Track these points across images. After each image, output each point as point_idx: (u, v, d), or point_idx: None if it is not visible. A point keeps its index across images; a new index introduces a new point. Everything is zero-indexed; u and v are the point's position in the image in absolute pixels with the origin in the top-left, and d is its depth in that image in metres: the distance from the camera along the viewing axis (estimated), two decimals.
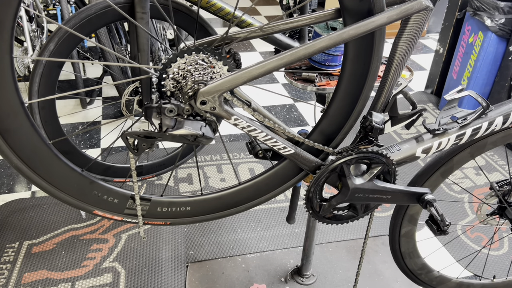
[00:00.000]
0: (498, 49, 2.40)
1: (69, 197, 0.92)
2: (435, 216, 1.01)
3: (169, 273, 1.58)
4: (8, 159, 0.82)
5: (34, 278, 1.54)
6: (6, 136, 0.79)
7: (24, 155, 0.83)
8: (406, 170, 2.15)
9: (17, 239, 1.70)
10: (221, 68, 0.83)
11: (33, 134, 0.82)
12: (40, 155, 0.85)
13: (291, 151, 0.93)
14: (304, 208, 1.01)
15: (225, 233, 1.78)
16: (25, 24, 2.36)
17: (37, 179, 0.87)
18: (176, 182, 2.06)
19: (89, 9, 1.29)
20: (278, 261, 1.67)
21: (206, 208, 1.04)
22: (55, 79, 1.38)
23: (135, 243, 1.71)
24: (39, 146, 0.84)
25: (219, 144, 2.36)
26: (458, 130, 0.99)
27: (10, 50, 0.73)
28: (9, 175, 2.08)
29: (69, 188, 0.92)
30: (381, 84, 0.94)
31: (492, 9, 2.31)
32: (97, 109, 2.71)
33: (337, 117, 0.94)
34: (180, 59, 0.80)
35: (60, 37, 1.28)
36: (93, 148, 2.33)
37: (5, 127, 0.79)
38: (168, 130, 0.82)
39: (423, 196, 1.01)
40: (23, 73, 2.33)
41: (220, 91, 0.80)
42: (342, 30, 0.81)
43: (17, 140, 0.81)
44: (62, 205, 1.86)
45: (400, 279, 1.61)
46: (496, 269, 1.71)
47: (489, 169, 2.27)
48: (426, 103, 2.88)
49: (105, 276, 1.56)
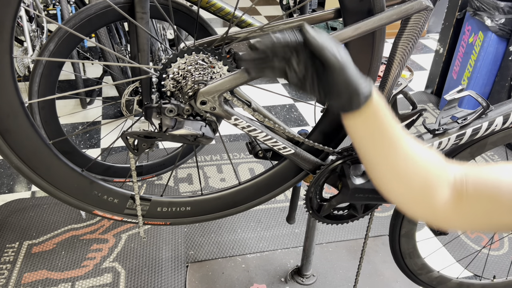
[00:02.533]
0: (498, 49, 2.40)
1: (69, 197, 0.93)
2: None
3: (169, 273, 1.58)
4: (8, 159, 0.82)
5: (34, 278, 1.54)
6: (6, 136, 0.79)
7: (24, 155, 0.83)
8: None
9: (17, 239, 1.70)
10: (221, 68, 0.83)
11: (33, 134, 0.82)
12: (40, 155, 0.85)
13: (291, 151, 0.93)
14: (304, 208, 1.01)
15: (225, 233, 1.78)
16: (25, 24, 2.36)
17: (37, 179, 0.87)
18: (176, 182, 2.06)
19: (89, 9, 1.29)
20: (278, 261, 1.67)
21: (206, 208, 1.04)
22: (55, 79, 1.38)
23: (135, 243, 1.71)
24: (39, 146, 0.84)
25: (219, 144, 2.36)
26: (458, 130, 0.99)
27: (10, 50, 0.73)
28: (9, 175, 2.08)
29: (69, 188, 0.92)
30: (381, 84, 0.94)
31: (492, 9, 2.31)
32: (97, 109, 2.71)
33: (337, 117, 0.94)
34: (180, 59, 0.80)
35: (60, 37, 1.28)
36: (93, 148, 2.33)
37: (5, 127, 0.79)
38: (168, 130, 0.82)
39: None
40: (23, 73, 2.33)
41: (220, 91, 0.80)
42: (342, 30, 0.81)
43: (17, 140, 0.81)
44: (62, 205, 1.86)
45: (400, 279, 1.60)
46: (496, 269, 1.71)
47: None
48: (426, 103, 2.88)
49: (105, 276, 1.56)
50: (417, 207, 0.64)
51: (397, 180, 0.63)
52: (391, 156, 0.62)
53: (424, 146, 0.64)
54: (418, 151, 0.63)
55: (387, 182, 0.65)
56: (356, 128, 0.62)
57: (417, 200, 0.63)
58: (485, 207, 0.59)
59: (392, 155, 0.62)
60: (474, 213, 0.60)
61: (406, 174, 0.62)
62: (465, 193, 0.60)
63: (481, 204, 0.59)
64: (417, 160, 0.62)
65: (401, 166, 0.62)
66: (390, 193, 0.65)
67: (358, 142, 0.64)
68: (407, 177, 0.62)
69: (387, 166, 0.63)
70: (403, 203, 0.65)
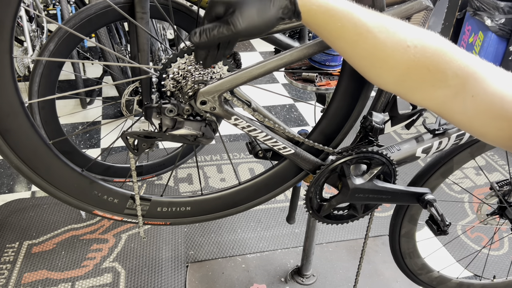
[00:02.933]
0: (498, 49, 2.40)
1: (69, 197, 0.92)
2: (435, 216, 1.01)
3: (169, 273, 1.58)
4: (8, 159, 0.82)
5: (34, 278, 1.54)
6: (6, 136, 0.79)
7: (24, 155, 0.83)
8: (406, 170, 2.15)
9: (17, 239, 1.70)
10: (221, 68, 0.83)
11: (33, 134, 0.82)
12: (40, 155, 0.85)
13: (291, 151, 0.93)
14: (304, 208, 1.01)
15: (225, 233, 1.78)
16: (25, 24, 2.36)
17: (37, 179, 0.87)
18: (176, 182, 2.06)
19: (89, 9, 1.29)
20: (278, 261, 1.67)
21: (206, 208, 1.04)
22: (55, 79, 1.38)
23: (135, 243, 1.71)
24: (39, 146, 0.84)
25: (219, 144, 2.36)
26: (458, 130, 0.99)
27: (10, 50, 0.73)
28: (9, 175, 2.08)
29: (69, 188, 0.92)
30: None
31: (492, 9, 2.31)
32: (97, 109, 2.71)
33: (337, 117, 0.94)
34: (180, 59, 0.80)
35: (60, 37, 1.28)
36: (93, 148, 2.33)
37: (5, 127, 0.79)
38: (168, 130, 0.82)
39: (423, 196, 1.01)
40: (23, 73, 2.33)
41: (220, 91, 0.79)
42: None
43: (17, 140, 0.81)
44: (62, 205, 1.86)
45: (400, 279, 1.60)
46: (496, 269, 1.71)
47: (489, 169, 2.27)
48: None
49: (105, 276, 1.56)
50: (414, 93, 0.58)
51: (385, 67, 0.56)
52: (367, 43, 0.55)
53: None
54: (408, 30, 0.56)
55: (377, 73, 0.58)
56: (312, 28, 0.58)
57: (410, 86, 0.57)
58: None
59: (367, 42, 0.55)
60: None
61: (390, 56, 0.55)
62: None
63: None
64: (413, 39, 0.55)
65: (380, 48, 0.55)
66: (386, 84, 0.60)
67: (326, 40, 0.59)
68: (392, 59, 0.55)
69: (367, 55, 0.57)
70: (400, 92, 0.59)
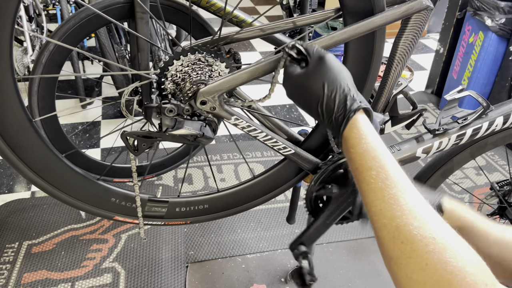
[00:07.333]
0: (499, 49, 2.40)
1: (89, 206, 0.97)
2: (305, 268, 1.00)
3: (169, 273, 1.58)
4: (23, 174, 0.85)
5: (34, 278, 1.54)
6: (18, 152, 0.82)
7: (38, 169, 0.87)
8: (406, 170, 2.15)
9: (17, 239, 1.69)
10: (218, 66, 0.83)
11: (45, 149, 0.85)
12: (54, 169, 0.89)
13: (291, 151, 0.93)
14: (304, 208, 1.01)
15: (225, 233, 1.78)
16: (25, 24, 2.36)
17: (57, 192, 0.91)
18: (176, 182, 2.05)
19: (88, 9, 1.29)
20: (278, 262, 1.67)
21: (224, 204, 1.07)
22: (55, 79, 1.39)
23: (135, 243, 1.71)
24: (52, 161, 0.87)
25: (219, 144, 2.36)
26: (458, 130, 0.98)
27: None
28: (9, 175, 2.07)
29: (86, 198, 0.96)
30: (381, 84, 0.94)
31: (493, 9, 2.30)
32: (97, 109, 2.71)
33: None
34: (177, 61, 0.80)
35: (60, 37, 1.28)
36: (93, 148, 2.33)
37: (17, 143, 0.82)
38: (168, 130, 0.82)
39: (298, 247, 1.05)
40: (23, 73, 2.33)
41: (220, 91, 0.79)
42: (342, 30, 0.81)
43: (30, 155, 0.84)
44: (62, 205, 1.86)
45: None
46: None
47: (489, 169, 2.27)
48: (427, 103, 2.88)
49: (105, 276, 1.56)
50: None
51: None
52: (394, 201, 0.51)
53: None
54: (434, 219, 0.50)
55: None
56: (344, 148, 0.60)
57: None
58: None
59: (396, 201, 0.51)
60: None
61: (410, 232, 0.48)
62: None
63: None
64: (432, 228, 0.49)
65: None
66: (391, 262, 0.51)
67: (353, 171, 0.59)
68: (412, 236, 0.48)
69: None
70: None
